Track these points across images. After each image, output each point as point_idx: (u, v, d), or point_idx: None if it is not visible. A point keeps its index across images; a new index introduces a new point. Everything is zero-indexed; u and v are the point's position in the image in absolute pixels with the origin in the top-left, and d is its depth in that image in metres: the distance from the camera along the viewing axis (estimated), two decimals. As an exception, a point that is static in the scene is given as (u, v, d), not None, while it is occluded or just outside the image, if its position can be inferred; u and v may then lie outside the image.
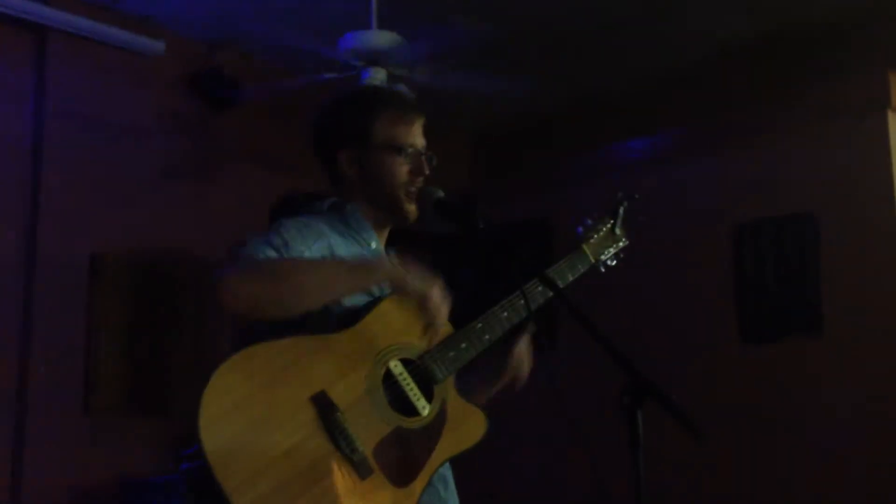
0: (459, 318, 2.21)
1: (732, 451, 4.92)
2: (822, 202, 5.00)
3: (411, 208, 2.23)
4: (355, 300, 2.11)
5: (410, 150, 2.23)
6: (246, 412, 1.89)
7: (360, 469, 1.96)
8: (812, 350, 4.97)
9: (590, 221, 2.47)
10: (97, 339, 4.97)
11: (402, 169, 2.22)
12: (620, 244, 2.48)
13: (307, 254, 2.05)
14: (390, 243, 2.33)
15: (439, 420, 2.10)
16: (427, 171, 2.24)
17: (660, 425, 1.78)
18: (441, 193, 2.22)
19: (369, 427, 1.99)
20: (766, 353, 5.14)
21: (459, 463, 2.21)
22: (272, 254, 2.00)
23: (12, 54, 4.98)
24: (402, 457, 2.03)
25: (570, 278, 2.38)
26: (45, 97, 5.01)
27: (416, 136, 2.26)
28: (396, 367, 2.06)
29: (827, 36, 5.24)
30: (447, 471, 2.23)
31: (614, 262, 2.47)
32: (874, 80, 4.88)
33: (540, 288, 2.25)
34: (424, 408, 2.07)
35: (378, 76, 4.74)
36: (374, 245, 2.24)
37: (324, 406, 1.96)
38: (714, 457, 4.75)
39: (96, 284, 5.01)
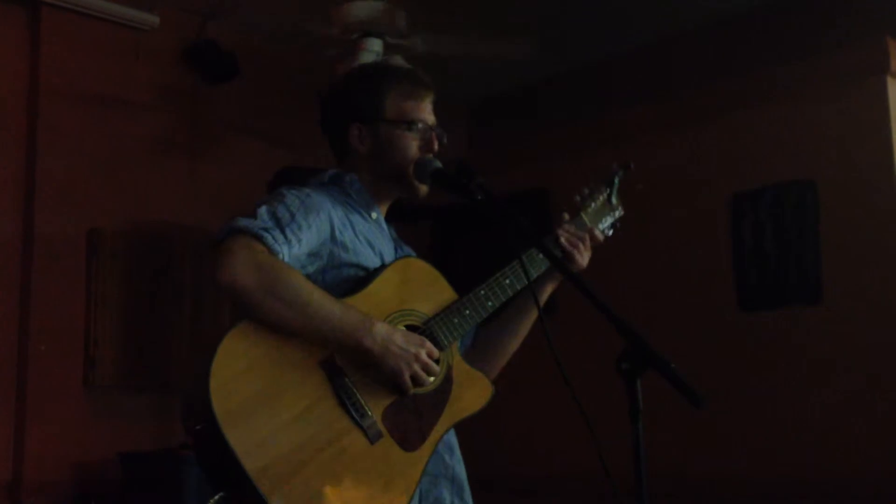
0: (462, 285, 2.23)
1: (731, 420, 4.92)
2: (822, 170, 4.98)
3: (422, 187, 2.26)
4: (359, 270, 2.13)
5: (420, 125, 2.25)
6: (255, 378, 1.92)
7: (370, 433, 2.00)
8: (811, 319, 4.96)
9: (587, 191, 2.47)
10: (96, 315, 4.97)
11: (413, 144, 2.25)
12: (617, 214, 2.49)
13: (306, 233, 2.05)
14: (391, 217, 2.34)
15: (445, 386, 2.14)
16: (436, 147, 2.26)
17: (658, 392, 1.78)
18: (439, 164, 2.23)
19: (377, 392, 2.03)
20: (764, 321, 5.14)
21: (461, 430, 2.23)
22: (279, 236, 1.99)
23: (5, 30, 4.95)
24: (410, 422, 2.07)
25: None
26: (39, 73, 4.98)
27: (427, 113, 2.28)
28: None
29: (825, 2, 5.20)
30: (452, 438, 2.26)
31: (612, 232, 2.47)
32: (873, 46, 4.85)
33: (541, 255, 2.26)
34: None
35: (374, 47, 4.72)
36: (374, 215, 2.27)
37: (332, 371, 1.99)
38: (712, 425, 4.75)
39: (94, 260, 5.00)
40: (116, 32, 5.21)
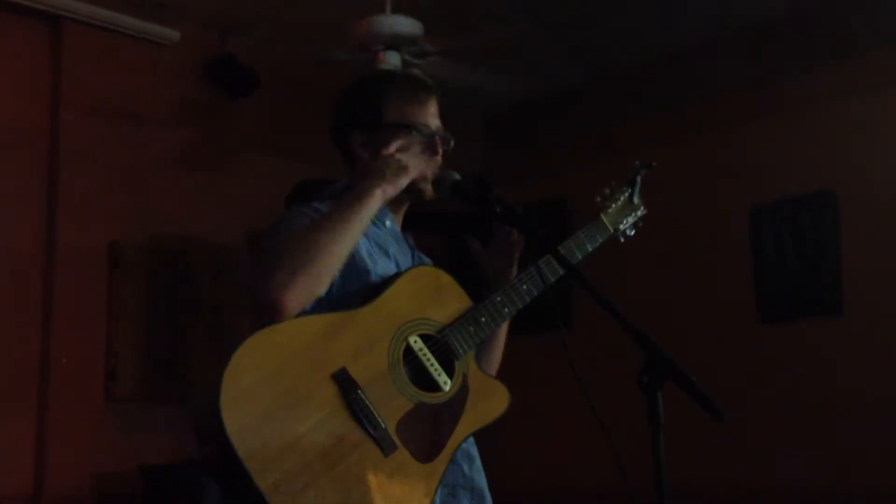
0: (477, 293, 2.21)
1: (751, 432, 4.90)
2: (841, 180, 4.96)
3: (426, 187, 2.22)
4: (377, 275, 2.12)
5: (422, 129, 2.22)
6: (267, 391, 1.89)
7: (384, 445, 1.96)
8: (832, 330, 4.94)
9: (607, 191, 2.45)
10: (117, 328, 4.99)
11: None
12: (639, 213, 2.46)
13: None
14: (407, 227, 2.33)
15: (461, 395, 2.09)
16: (440, 151, 2.23)
17: (678, 405, 1.77)
18: (457, 176, 2.21)
19: (391, 403, 1.99)
20: (785, 333, 5.11)
21: (481, 441, 2.21)
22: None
23: (27, 44, 4.99)
24: (425, 433, 2.02)
25: (590, 248, 2.36)
26: (60, 87, 5.02)
27: (429, 117, 2.25)
28: (416, 342, 2.06)
29: (842, 12, 5.18)
30: (472, 447, 2.23)
31: (633, 232, 2.46)
32: (890, 56, 4.84)
33: (556, 262, 2.25)
34: (446, 383, 2.07)
35: (393, 60, 4.73)
36: (388, 223, 2.25)
37: (345, 383, 1.95)
38: (732, 437, 4.73)
39: (115, 273, 5.03)
40: (137, 47, 5.25)
